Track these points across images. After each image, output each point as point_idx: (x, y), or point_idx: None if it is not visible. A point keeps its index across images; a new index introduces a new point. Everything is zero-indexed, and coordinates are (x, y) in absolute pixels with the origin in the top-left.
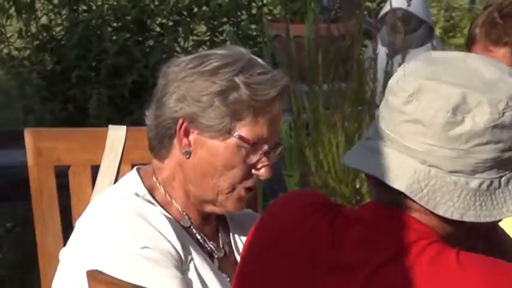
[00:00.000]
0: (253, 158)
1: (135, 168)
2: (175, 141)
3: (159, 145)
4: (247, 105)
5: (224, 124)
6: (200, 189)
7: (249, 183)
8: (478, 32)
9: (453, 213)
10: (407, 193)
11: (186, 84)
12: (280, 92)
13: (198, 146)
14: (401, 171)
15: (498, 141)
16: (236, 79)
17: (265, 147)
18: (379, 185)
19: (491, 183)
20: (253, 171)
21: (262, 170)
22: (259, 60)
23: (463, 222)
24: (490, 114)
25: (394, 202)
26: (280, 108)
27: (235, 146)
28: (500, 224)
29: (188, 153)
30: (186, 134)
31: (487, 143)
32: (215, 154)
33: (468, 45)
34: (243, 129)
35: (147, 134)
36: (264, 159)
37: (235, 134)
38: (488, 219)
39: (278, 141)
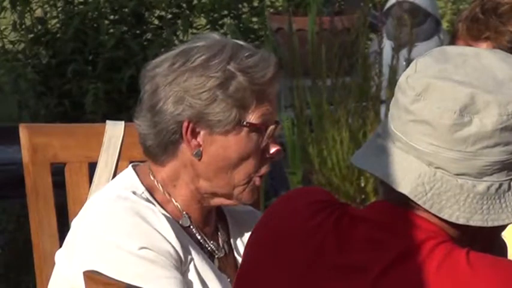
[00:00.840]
0: (264, 142)
1: (130, 165)
2: (183, 144)
3: (162, 152)
4: (249, 90)
5: (233, 115)
6: (214, 184)
7: (263, 170)
8: (460, 27)
9: (458, 217)
10: (411, 197)
11: (180, 85)
12: (275, 70)
13: (208, 144)
14: (407, 174)
15: (507, 143)
16: (230, 68)
17: (272, 127)
18: (387, 184)
19: (500, 186)
20: (266, 155)
21: (274, 150)
22: (240, 42)
23: (468, 226)
24: (499, 115)
25: (402, 201)
26: (278, 86)
27: (246, 135)
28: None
29: (199, 154)
30: (194, 135)
31: (495, 145)
32: (228, 148)
33: (452, 40)
34: (251, 116)
35: (144, 142)
36: (272, 139)
37: (245, 122)
38: (496, 223)
39: (277, 119)
